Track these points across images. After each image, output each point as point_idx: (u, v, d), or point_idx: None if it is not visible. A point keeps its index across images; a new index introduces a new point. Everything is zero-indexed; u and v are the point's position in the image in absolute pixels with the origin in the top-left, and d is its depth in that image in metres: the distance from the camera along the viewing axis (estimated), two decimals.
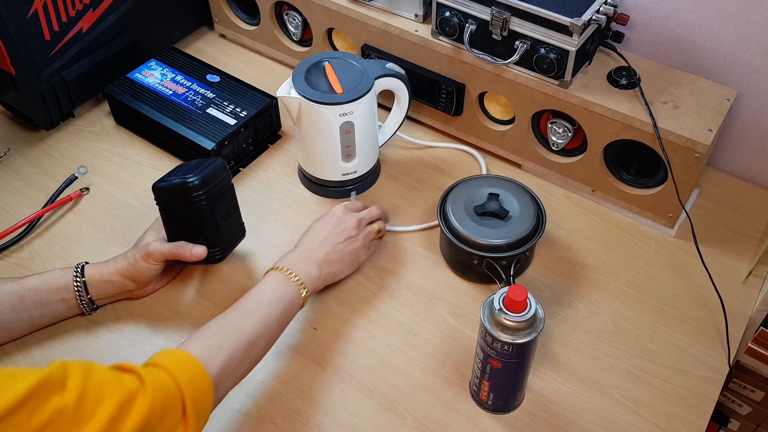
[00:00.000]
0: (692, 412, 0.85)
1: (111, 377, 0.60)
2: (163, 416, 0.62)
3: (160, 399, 0.62)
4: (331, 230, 0.93)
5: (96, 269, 0.90)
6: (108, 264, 0.91)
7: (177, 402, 0.64)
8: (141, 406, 0.60)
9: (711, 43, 1.02)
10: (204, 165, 0.89)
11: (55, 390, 0.55)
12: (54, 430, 0.54)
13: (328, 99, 0.97)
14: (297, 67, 1.01)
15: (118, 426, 0.58)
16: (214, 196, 0.88)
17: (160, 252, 0.89)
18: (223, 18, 1.34)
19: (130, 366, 0.64)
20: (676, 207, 1.00)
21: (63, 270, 0.89)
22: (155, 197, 0.89)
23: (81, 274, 0.89)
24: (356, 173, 1.06)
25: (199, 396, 0.67)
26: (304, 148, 1.06)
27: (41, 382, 0.54)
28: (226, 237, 0.93)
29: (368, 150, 1.05)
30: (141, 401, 0.60)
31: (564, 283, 0.98)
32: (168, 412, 0.63)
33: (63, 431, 0.54)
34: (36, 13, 1.06)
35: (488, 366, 0.79)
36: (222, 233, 0.92)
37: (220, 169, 0.90)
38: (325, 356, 0.90)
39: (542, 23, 0.95)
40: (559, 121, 1.04)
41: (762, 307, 0.92)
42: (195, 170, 0.87)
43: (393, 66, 1.04)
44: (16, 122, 1.21)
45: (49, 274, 0.89)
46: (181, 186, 0.86)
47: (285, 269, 0.86)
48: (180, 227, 0.90)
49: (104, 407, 0.57)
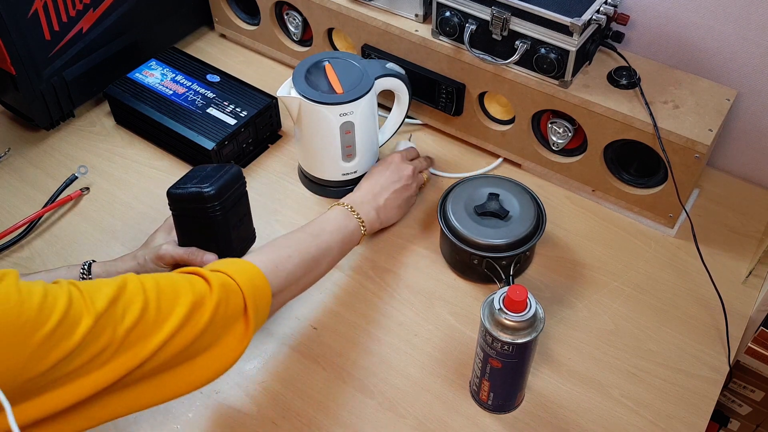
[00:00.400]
0: (692, 412, 0.85)
1: (181, 279, 0.68)
2: (228, 311, 0.69)
3: (224, 296, 0.69)
4: (390, 177, 1.01)
5: (104, 268, 0.90)
6: (116, 263, 0.90)
7: (239, 299, 0.71)
8: (209, 303, 0.67)
9: (711, 43, 1.02)
10: (220, 173, 0.87)
11: (137, 292, 0.63)
12: (142, 326, 0.62)
13: (329, 99, 0.97)
14: (297, 67, 1.01)
15: (194, 321, 0.66)
16: (229, 206, 0.88)
17: (171, 256, 0.88)
18: (223, 18, 1.34)
19: (196, 269, 0.72)
20: (676, 207, 1.00)
21: (69, 268, 0.89)
22: (169, 202, 0.88)
23: (88, 273, 0.89)
24: (356, 173, 1.06)
25: (259, 295, 0.74)
26: (304, 148, 1.06)
27: (121, 287, 0.62)
28: (238, 245, 0.93)
29: (368, 150, 1.05)
30: (209, 300, 0.67)
31: (564, 283, 0.98)
32: (231, 307, 0.70)
33: (149, 326, 0.62)
34: (36, 13, 1.06)
35: (488, 366, 0.79)
36: (233, 242, 0.91)
37: (236, 178, 0.88)
38: (325, 356, 0.90)
39: (542, 23, 0.95)
40: (559, 121, 1.04)
41: (762, 307, 0.92)
42: (211, 178, 0.86)
43: (393, 66, 1.04)
44: (16, 122, 1.21)
45: (55, 272, 0.89)
46: (197, 195, 0.85)
47: (349, 206, 0.94)
48: (192, 233, 0.90)
49: (181, 304, 0.65)
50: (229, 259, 0.77)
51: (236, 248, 0.93)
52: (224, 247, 0.91)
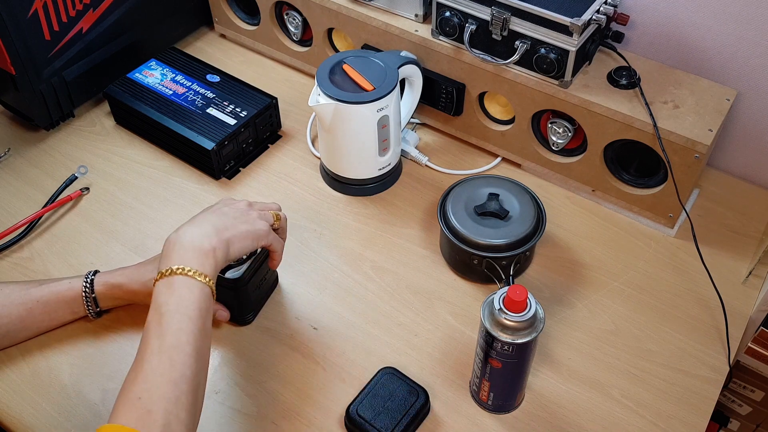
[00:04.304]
0: (692, 412, 0.85)
1: None
2: None
3: None
4: (213, 211, 0.80)
5: (107, 287, 0.88)
6: (121, 282, 0.88)
7: None
8: None
9: (711, 43, 1.02)
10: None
11: None
12: None
13: (364, 97, 0.97)
14: (318, 73, 1.00)
15: None
16: (252, 278, 0.88)
17: None
18: (223, 18, 1.34)
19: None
20: (676, 207, 1.00)
21: (71, 281, 0.88)
22: None
23: (91, 289, 0.88)
24: (390, 165, 1.08)
25: None
26: (336, 151, 1.05)
27: None
28: (257, 305, 0.94)
29: (397, 140, 1.07)
30: None
31: (564, 283, 0.98)
32: None
33: None
34: (36, 13, 1.06)
35: (488, 366, 0.79)
36: (251, 304, 0.92)
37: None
38: (325, 356, 0.90)
39: (542, 23, 0.95)
40: (559, 121, 1.04)
41: (762, 307, 0.92)
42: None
43: (406, 53, 1.06)
44: (16, 122, 1.21)
45: (57, 285, 0.88)
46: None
47: (176, 269, 0.71)
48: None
49: None
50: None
51: (257, 306, 0.94)
52: (246, 309, 0.92)
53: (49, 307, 0.87)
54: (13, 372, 0.87)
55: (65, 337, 0.90)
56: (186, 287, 0.71)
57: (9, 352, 0.89)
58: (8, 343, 0.88)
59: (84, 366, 0.88)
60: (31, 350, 0.89)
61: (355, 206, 1.08)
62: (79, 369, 0.88)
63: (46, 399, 0.85)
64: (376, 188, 1.09)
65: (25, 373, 0.87)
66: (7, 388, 0.86)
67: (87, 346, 0.90)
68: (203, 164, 1.11)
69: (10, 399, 0.85)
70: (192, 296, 0.70)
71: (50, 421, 0.83)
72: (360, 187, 1.08)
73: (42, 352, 0.89)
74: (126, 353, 0.90)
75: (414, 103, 1.12)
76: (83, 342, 0.90)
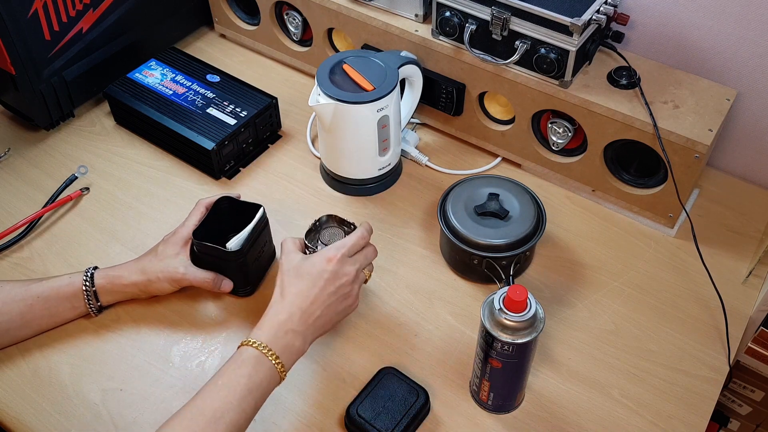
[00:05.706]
0: (692, 412, 0.85)
1: None
2: None
3: None
4: (325, 286, 0.79)
5: (107, 279, 0.89)
6: (121, 274, 0.90)
7: None
8: None
9: (711, 43, 1.02)
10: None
11: None
12: None
13: (364, 97, 0.98)
14: (318, 73, 1.00)
15: None
16: (250, 249, 0.91)
17: (188, 282, 0.89)
18: (223, 18, 1.34)
19: None
20: (676, 207, 1.00)
21: (71, 276, 0.89)
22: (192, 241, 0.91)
23: (91, 283, 0.89)
24: (390, 165, 1.08)
25: None
26: (336, 151, 1.05)
27: None
28: (256, 277, 0.96)
29: (397, 140, 1.07)
30: None
31: (564, 283, 0.98)
32: None
33: None
34: (36, 13, 1.06)
35: (488, 366, 0.79)
36: (250, 275, 0.94)
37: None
38: (325, 356, 0.90)
39: (542, 23, 0.95)
40: (559, 121, 1.04)
41: (762, 307, 0.92)
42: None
43: (406, 53, 1.06)
44: (16, 122, 1.21)
45: (57, 281, 0.88)
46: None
47: (263, 347, 0.74)
48: (212, 267, 0.92)
49: None
50: None
51: (254, 279, 0.96)
52: (243, 281, 0.94)
53: (50, 303, 0.87)
54: (13, 372, 0.87)
55: (65, 336, 0.90)
56: (260, 366, 0.74)
57: (9, 352, 0.89)
58: (9, 341, 0.88)
59: (84, 366, 0.88)
60: (31, 350, 0.89)
61: (355, 206, 1.08)
62: (79, 369, 0.88)
63: (46, 399, 0.85)
64: (376, 188, 1.09)
65: (25, 373, 0.87)
66: (7, 388, 0.86)
67: (87, 346, 0.90)
68: (203, 164, 1.11)
69: (10, 399, 0.85)
70: (269, 387, 0.75)
71: (50, 421, 0.83)
72: (360, 187, 1.08)
73: (42, 352, 0.89)
74: (126, 353, 0.90)
75: (414, 103, 1.12)
76: (83, 342, 0.90)
